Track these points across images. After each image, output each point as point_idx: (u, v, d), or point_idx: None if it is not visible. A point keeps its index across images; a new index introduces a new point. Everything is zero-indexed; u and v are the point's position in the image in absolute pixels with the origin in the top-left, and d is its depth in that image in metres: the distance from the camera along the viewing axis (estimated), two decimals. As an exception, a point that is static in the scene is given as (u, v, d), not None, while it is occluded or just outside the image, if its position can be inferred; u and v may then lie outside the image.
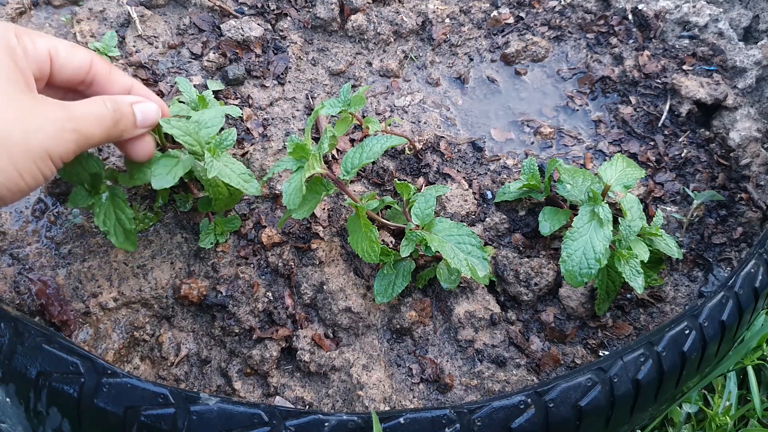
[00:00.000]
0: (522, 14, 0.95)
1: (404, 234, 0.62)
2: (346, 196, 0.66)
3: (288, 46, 0.88)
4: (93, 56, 0.55)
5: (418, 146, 0.79)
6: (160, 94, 0.81)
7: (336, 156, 0.78)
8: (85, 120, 0.48)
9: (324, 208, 0.73)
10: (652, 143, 0.82)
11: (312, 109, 0.82)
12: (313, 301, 0.67)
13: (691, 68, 0.86)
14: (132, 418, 0.49)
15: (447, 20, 0.93)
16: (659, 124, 0.83)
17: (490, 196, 0.76)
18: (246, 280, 0.67)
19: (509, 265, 0.69)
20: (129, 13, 0.85)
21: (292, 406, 0.61)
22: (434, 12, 0.93)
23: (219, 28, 0.88)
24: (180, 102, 0.70)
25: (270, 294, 0.67)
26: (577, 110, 0.86)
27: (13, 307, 0.64)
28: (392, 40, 0.91)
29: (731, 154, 0.79)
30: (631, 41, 0.91)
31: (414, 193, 0.62)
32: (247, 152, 0.77)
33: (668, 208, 0.77)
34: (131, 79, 0.58)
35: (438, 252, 0.59)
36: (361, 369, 0.62)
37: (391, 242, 0.70)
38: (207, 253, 0.69)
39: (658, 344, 0.57)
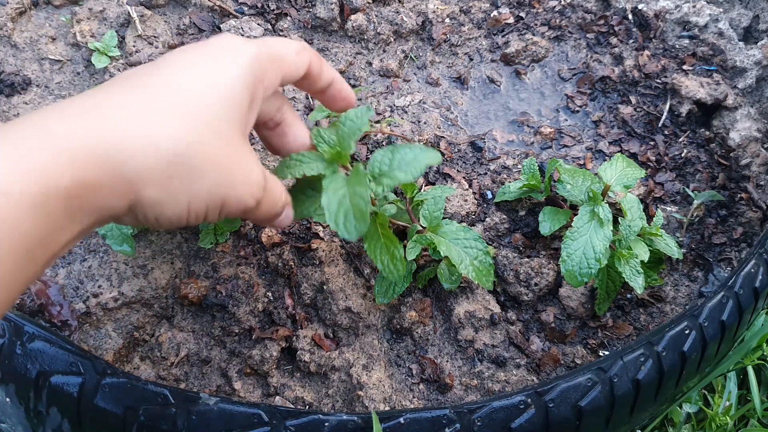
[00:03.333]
0: (522, 14, 0.95)
1: (405, 232, 0.62)
2: None
3: (288, 46, 0.88)
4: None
5: (418, 146, 0.79)
6: (160, 94, 0.81)
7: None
8: (270, 199, 0.45)
9: (324, 208, 0.73)
10: (652, 143, 0.82)
11: (312, 109, 0.82)
12: (313, 301, 0.67)
13: (691, 68, 0.86)
14: (132, 418, 0.49)
15: (447, 20, 0.93)
16: (659, 124, 0.83)
17: (490, 196, 0.76)
18: (246, 280, 0.67)
19: (509, 265, 0.69)
20: (129, 13, 0.85)
21: (292, 406, 0.61)
22: (434, 12, 0.93)
23: (219, 28, 0.88)
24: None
25: (270, 294, 0.67)
26: (577, 110, 0.86)
27: (13, 306, 0.64)
28: (392, 40, 0.91)
29: (731, 154, 0.79)
30: (631, 41, 0.91)
31: (417, 192, 0.61)
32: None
33: (668, 208, 0.77)
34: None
35: (446, 255, 0.59)
36: (361, 369, 0.62)
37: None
38: (207, 253, 0.69)
39: (658, 344, 0.57)
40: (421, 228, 0.60)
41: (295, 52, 0.47)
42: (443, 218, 0.61)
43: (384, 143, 0.79)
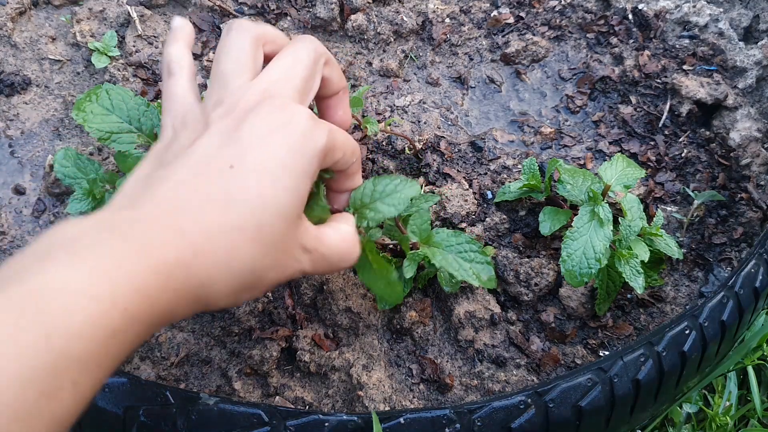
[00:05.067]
0: (522, 14, 0.95)
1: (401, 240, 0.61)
2: None
3: (288, 46, 0.87)
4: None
5: (418, 146, 0.79)
6: (160, 94, 0.81)
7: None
8: (325, 262, 0.47)
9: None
10: (652, 143, 0.82)
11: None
12: (313, 301, 0.67)
13: (691, 68, 0.86)
14: (132, 418, 0.49)
15: (447, 20, 0.93)
16: (659, 124, 0.83)
17: (490, 196, 0.76)
18: (246, 280, 0.67)
19: (509, 265, 0.69)
20: (129, 13, 0.85)
21: (292, 406, 0.61)
22: (434, 12, 0.93)
23: (219, 28, 0.88)
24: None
25: (270, 294, 0.67)
26: (577, 110, 0.86)
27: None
28: (392, 39, 0.90)
29: (731, 154, 0.79)
30: (631, 41, 0.91)
31: None
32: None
33: (668, 208, 0.77)
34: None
35: (441, 268, 0.58)
36: (361, 369, 0.62)
37: (390, 245, 0.70)
38: (207, 253, 0.69)
39: (659, 344, 0.57)
40: (412, 243, 0.59)
41: (352, 151, 0.50)
42: (433, 225, 0.60)
43: (384, 143, 0.79)
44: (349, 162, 0.50)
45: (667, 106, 0.84)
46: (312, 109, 0.53)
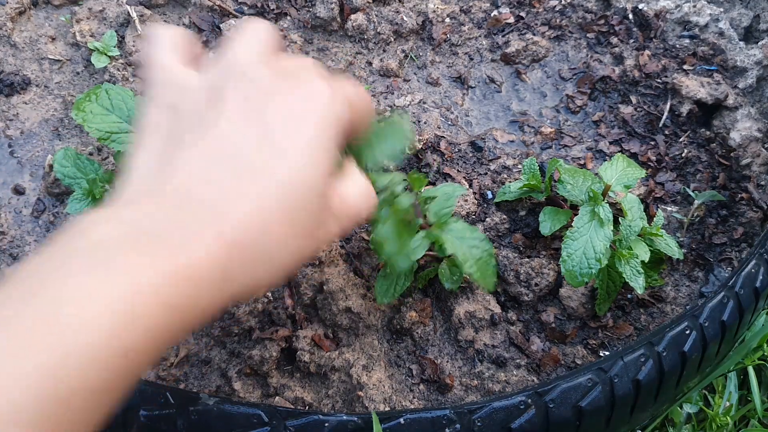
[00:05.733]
0: (522, 14, 0.95)
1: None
2: None
3: (288, 45, 0.87)
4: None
5: (418, 146, 0.79)
6: (160, 93, 0.80)
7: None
8: (348, 220, 0.45)
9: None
10: (652, 143, 0.82)
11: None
12: (313, 301, 0.67)
13: (691, 68, 0.86)
14: (132, 418, 0.49)
15: (447, 20, 0.93)
16: (660, 124, 0.83)
17: (490, 196, 0.75)
18: (246, 280, 0.67)
19: (509, 265, 0.69)
20: (128, 12, 0.85)
21: (292, 407, 0.61)
22: (434, 12, 0.93)
23: (219, 28, 0.88)
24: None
25: (270, 294, 0.67)
26: (578, 110, 0.86)
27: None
28: (392, 39, 0.90)
29: (732, 154, 0.79)
30: (631, 41, 0.91)
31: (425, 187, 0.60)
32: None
33: (669, 208, 0.77)
34: None
35: (452, 254, 0.57)
36: (361, 369, 0.62)
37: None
38: (207, 253, 0.69)
39: (659, 344, 0.57)
40: (426, 225, 0.59)
41: (368, 112, 0.48)
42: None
43: (384, 143, 0.79)
44: (365, 124, 0.48)
45: (668, 106, 0.84)
46: None
